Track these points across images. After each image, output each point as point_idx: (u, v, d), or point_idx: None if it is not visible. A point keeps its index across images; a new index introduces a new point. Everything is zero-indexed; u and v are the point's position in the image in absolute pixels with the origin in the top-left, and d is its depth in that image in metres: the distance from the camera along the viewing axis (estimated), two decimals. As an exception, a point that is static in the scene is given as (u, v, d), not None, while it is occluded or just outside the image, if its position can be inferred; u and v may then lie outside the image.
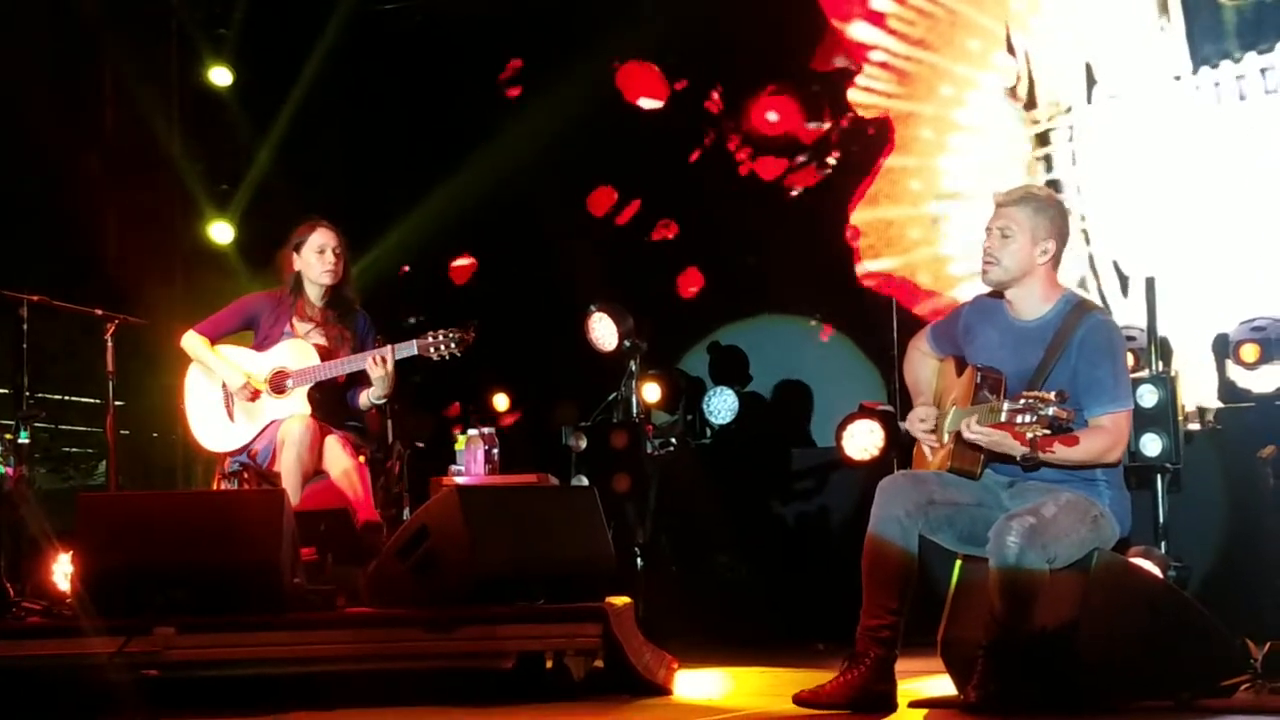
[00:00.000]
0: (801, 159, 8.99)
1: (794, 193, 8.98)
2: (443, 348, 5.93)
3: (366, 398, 6.06)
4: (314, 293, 6.16)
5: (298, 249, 6.16)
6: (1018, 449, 4.28)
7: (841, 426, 7.72)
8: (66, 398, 7.63)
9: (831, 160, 8.92)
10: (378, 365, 5.91)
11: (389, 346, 5.95)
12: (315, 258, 6.12)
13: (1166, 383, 6.66)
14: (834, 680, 4.42)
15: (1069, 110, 8.39)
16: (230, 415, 6.12)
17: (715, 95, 9.17)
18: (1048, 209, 4.56)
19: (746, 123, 9.12)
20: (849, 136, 8.86)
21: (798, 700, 4.42)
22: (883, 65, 8.82)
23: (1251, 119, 7.90)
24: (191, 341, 6.17)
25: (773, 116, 9.04)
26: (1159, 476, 6.68)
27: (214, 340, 6.19)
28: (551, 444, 7.97)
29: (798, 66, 8.95)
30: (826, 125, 8.92)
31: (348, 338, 6.11)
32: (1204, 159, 7.99)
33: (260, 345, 6.16)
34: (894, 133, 8.79)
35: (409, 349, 5.94)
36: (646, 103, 9.27)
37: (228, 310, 6.29)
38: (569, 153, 8.95)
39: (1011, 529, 4.29)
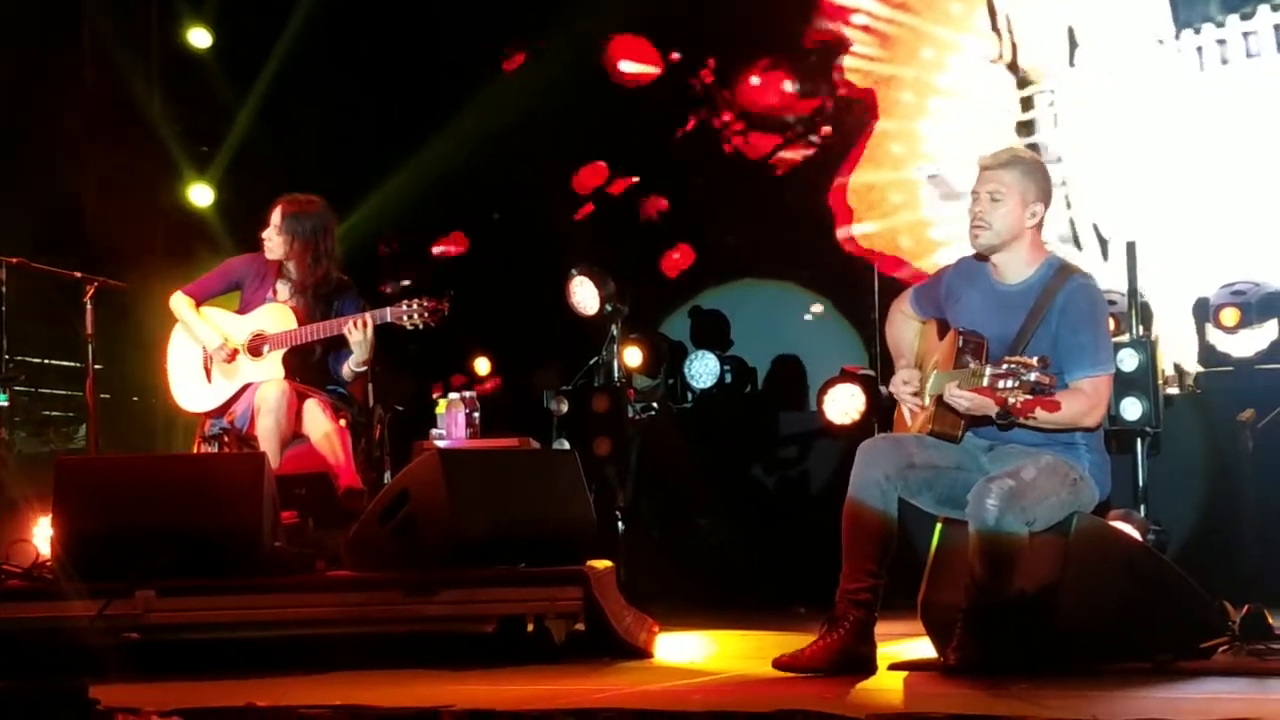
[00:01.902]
0: (792, 135, 8.97)
1: (780, 171, 8.97)
2: (415, 316, 5.91)
3: (348, 366, 6.04)
4: (288, 266, 6.12)
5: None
6: (996, 411, 4.28)
7: (823, 391, 7.73)
8: (46, 361, 7.60)
9: (820, 135, 8.90)
10: (356, 330, 5.89)
11: (368, 313, 5.93)
12: (267, 232, 6.11)
13: (1147, 346, 6.67)
14: (814, 643, 4.43)
15: (1051, 74, 8.38)
16: (208, 376, 6.12)
17: (706, 70, 9.13)
18: (1035, 171, 4.55)
19: (738, 97, 9.09)
20: (841, 110, 8.84)
21: (778, 664, 4.43)
22: (865, 29, 8.80)
23: (1233, 83, 7.90)
24: (177, 303, 6.20)
25: (759, 86, 9.00)
26: (1139, 440, 6.70)
27: (200, 302, 6.20)
28: (533, 408, 7.97)
29: (789, 40, 8.92)
30: (818, 101, 8.90)
31: (329, 312, 6.05)
32: (1186, 123, 8.00)
33: (243, 309, 6.16)
34: (876, 97, 8.77)
35: (382, 316, 5.92)
36: (632, 67, 9.23)
37: (214, 273, 6.31)
38: (555, 118, 8.91)
39: (991, 492, 4.30)
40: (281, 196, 6.16)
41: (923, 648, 4.64)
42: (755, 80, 9.04)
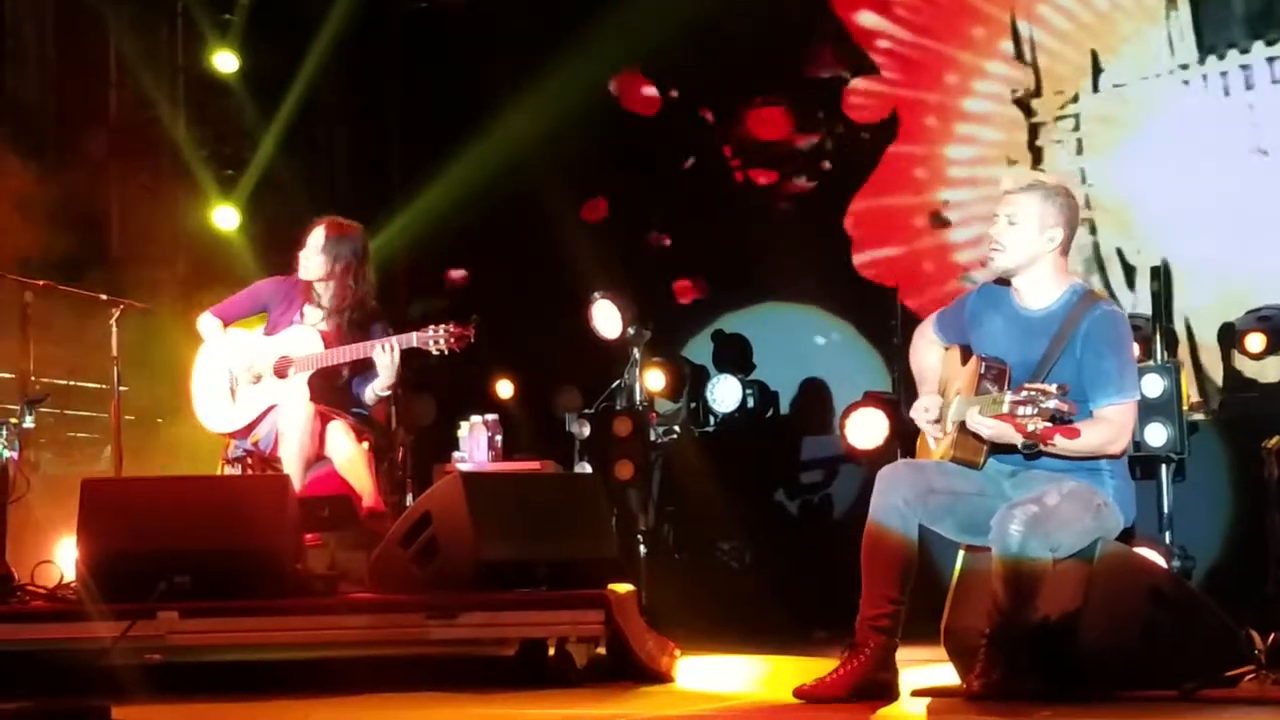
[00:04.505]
0: (793, 168, 8.98)
1: (784, 204, 8.99)
2: (442, 342, 5.91)
3: (372, 390, 6.04)
4: (321, 289, 6.13)
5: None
6: (1019, 440, 4.27)
7: (846, 415, 7.71)
8: (72, 382, 7.62)
9: (821, 168, 8.91)
10: (386, 352, 5.89)
11: (395, 336, 5.94)
12: (300, 253, 6.12)
13: (1172, 372, 6.65)
14: (834, 671, 4.42)
15: (1075, 99, 8.37)
16: (234, 397, 6.14)
17: (707, 108, 9.16)
18: (1055, 197, 4.54)
19: (739, 132, 9.11)
20: (848, 139, 8.85)
21: (798, 694, 4.41)
22: (888, 54, 8.81)
23: (1258, 109, 7.88)
24: (204, 323, 6.23)
25: (758, 121, 9.03)
26: (1163, 466, 6.67)
27: (227, 323, 6.23)
28: (555, 431, 7.97)
29: (791, 75, 8.95)
30: (818, 136, 8.92)
31: (366, 338, 6.04)
32: (1210, 149, 7.98)
33: (270, 331, 6.18)
34: (900, 121, 8.78)
35: (408, 340, 5.93)
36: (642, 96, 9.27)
37: (242, 295, 6.34)
38: (574, 143, 8.94)
39: (1014, 518, 4.28)
40: (322, 218, 6.17)
41: (946, 674, 4.62)
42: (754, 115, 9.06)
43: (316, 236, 6.10)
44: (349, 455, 5.88)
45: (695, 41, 8.81)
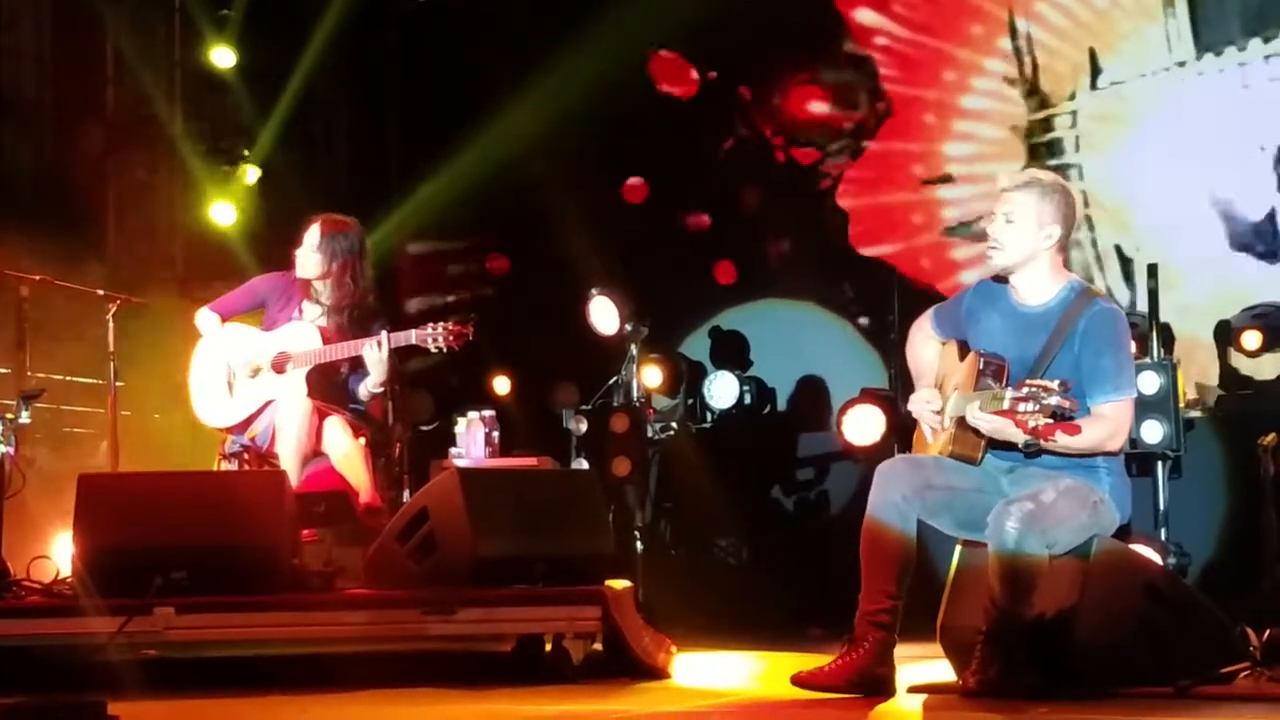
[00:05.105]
0: (835, 147, 8.97)
1: (825, 184, 8.97)
2: (441, 339, 5.90)
3: (365, 387, 6.03)
4: (319, 286, 6.13)
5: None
6: (1020, 436, 4.28)
7: (843, 411, 7.71)
8: (68, 378, 7.62)
9: (865, 145, 8.90)
10: (375, 349, 5.88)
11: (385, 333, 5.92)
12: (297, 251, 6.11)
13: (1168, 369, 6.65)
14: (833, 662, 4.43)
15: (1073, 96, 8.38)
16: (231, 391, 6.13)
17: (743, 87, 9.15)
18: (1053, 194, 4.54)
19: (780, 112, 9.10)
20: (881, 121, 8.85)
21: (796, 680, 4.42)
22: (886, 50, 8.81)
23: (1255, 106, 7.88)
24: (202, 319, 6.22)
25: (815, 105, 9.00)
26: (1160, 463, 6.67)
27: (225, 318, 6.22)
28: (552, 427, 7.97)
29: (828, 54, 8.94)
30: (860, 115, 8.91)
31: (358, 336, 6.03)
32: (1207, 146, 7.98)
33: (268, 326, 6.17)
34: (897, 117, 8.78)
35: (407, 338, 5.92)
36: (669, 85, 9.26)
37: (240, 290, 6.33)
38: (574, 137, 8.93)
39: (1011, 514, 4.29)
40: (318, 215, 6.16)
41: (942, 670, 4.63)
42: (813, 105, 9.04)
43: (312, 234, 6.09)
44: (346, 451, 5.88)
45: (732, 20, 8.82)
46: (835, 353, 8.91)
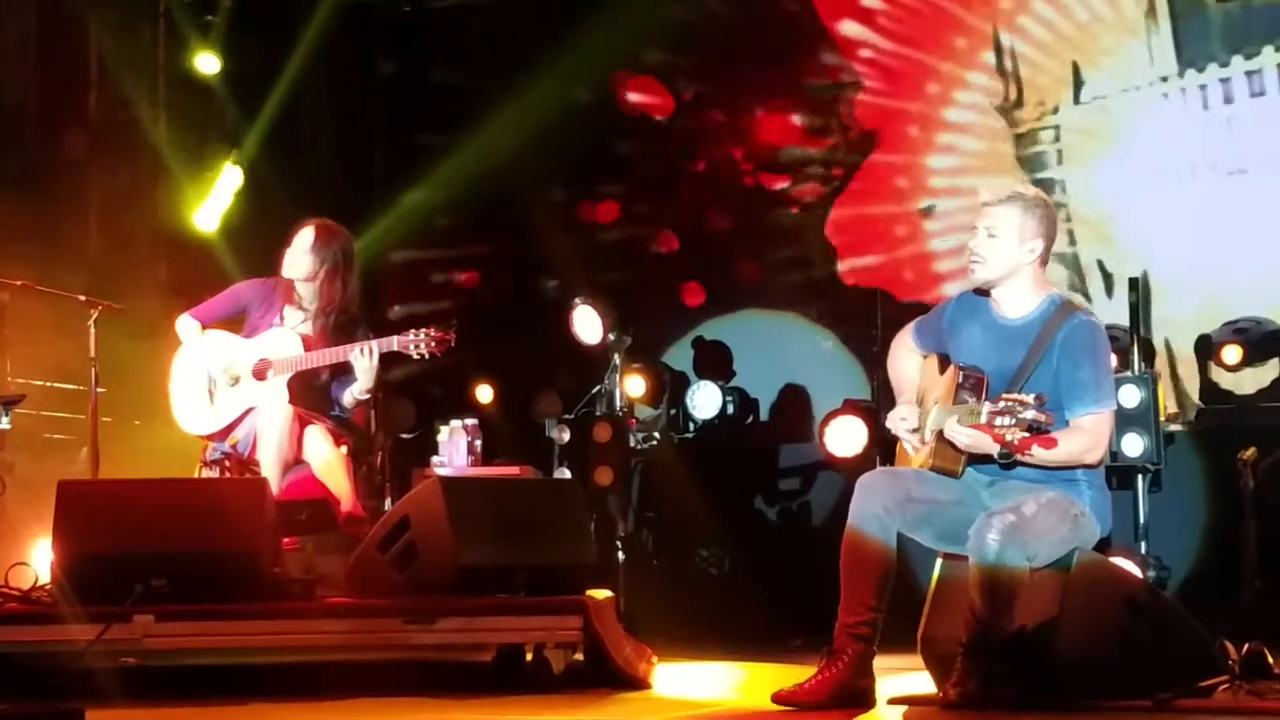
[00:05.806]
0: (808, 171, 8.99)
1: (794, 210, 8.99)
2: (423, 345, 5.90)
3: (351, 394, 6.02)
4: (304, 290, 6.12)
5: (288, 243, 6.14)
6: (996, 450, 4.29)
7: (825, 423, 7.73)
8: (49, 383, 7.60)
9: (833, 173, 8.93)
10: (364, 356, 5.87)
11: (375, 340, 5.93)
12: (286, 251, 6.10)
13: (1149, 383, 6.67)
14: (812, 678, 4.42)
15: (1056, 110, 8.41)
16: (212, 399, 6.11)
17: (718, 110, 9.17)
18: (1035, 208, 4.56)
19: (750, 138, 9.12)
20: (855, 149, 8.87)
21: (776, 699, 4.42)
22: (870, 63, 8.83)
23: (1237, 121, 7.92)
24: (183, 325, 6.19)
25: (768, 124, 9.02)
26: (1140, 477, 6.69)
27: (206, 325, 6.18)
28: (535, 436, 7.97)
29: (798, 81, 8.96)
30: (830, 140, 8.93)
31: (340, 342, 6.03)
32: (1190, 160, 8.02)
33: (249, 333, 6.15)
34: (881, 130, 8.80)
35: (389, 344, 5.91)
36: (641, 99, 9.27)
37: (221, 297, 6.29)
38: (561, 148, 8.94)
39: (992, 526, 4.30)
40: (311, 219, 6.15)
41: (922, 682, 4.63)
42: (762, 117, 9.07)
43: (305, 237, 6.08)
44: (327, 459, 5.87)
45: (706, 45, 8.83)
46: (818, 364, 8.92)
